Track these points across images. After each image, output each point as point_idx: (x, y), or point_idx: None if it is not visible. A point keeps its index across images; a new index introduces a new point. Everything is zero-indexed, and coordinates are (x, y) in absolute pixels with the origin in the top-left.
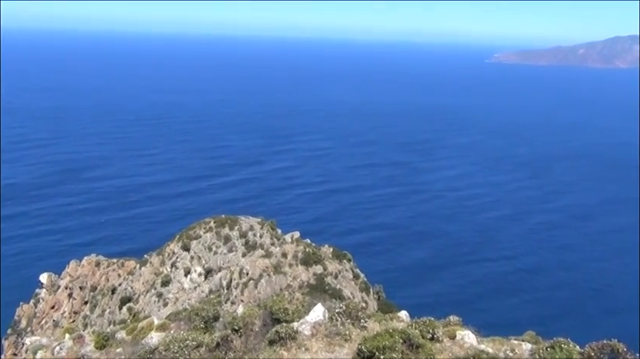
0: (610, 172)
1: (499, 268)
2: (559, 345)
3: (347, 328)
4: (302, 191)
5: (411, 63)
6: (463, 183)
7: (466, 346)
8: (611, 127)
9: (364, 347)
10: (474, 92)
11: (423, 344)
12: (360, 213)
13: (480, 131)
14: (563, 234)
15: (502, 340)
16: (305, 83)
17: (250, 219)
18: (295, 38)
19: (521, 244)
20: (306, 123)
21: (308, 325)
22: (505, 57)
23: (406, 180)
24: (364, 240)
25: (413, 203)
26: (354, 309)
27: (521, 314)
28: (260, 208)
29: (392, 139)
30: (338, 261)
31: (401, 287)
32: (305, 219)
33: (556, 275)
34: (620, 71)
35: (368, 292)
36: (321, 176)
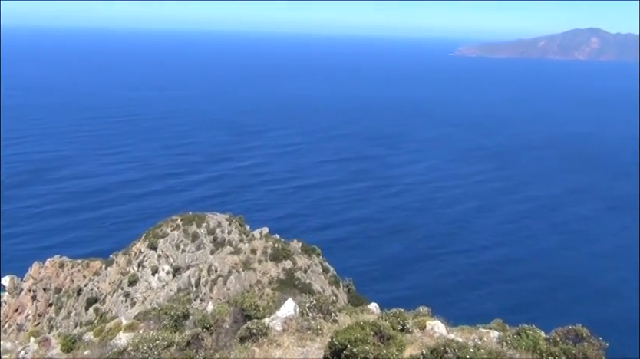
0: (574, 162)
1: (469, 260)
2: (525, 332)
3: (318, 322)
4: (273, 187)
5: (376, 57)
6: (433, 176)
7: (436, 336)
8: (573, 118)
9: (335, 340)
10: (439, 85)
11: (393, 336)
12: (331, 208)
13: (447, 124)
14: (531, 225)
15: (470, 329)
16: (271, 78)
17: (218, 215)
18: (260, 33)
19: (490, 235)
20: (275, 119)
21: (280, 321)
22: (468, 51)
23: (376, 174)
24: (336, 235)
25: (383, 197)
26: (325, 303)
27: (491, 304)
28: (230, 205)
29: (361, 134)
30: (308, 256)
31: (375, 281)
32: (276, 216)
33: (526, 265)
34: (579, 63)
35: (338, 286)
36: (292, 172)
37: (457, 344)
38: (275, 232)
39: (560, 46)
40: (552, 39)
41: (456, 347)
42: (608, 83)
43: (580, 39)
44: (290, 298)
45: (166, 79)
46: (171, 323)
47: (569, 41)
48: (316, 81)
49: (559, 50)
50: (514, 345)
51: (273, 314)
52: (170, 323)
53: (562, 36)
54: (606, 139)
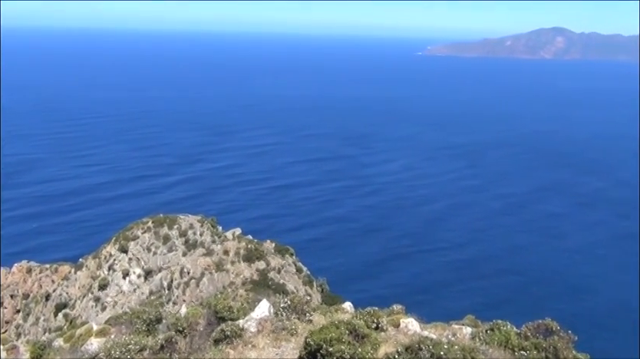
0: (543, 159)
1: (443, 258)
2: (497, 327)
3: (293, 323)
4: (247, 188)
5: (347, 56)
6: (406, 175)
7: (410, 333)
8: (540, 116)
9: (310, 340)
10: (409, 84)
11: (368, 334)
12: (306, 209)
13: (419, 123)
14: (503, 222)
15: (444, 325)
16: (243, 78)
17: (190, 217)
18: (231, 33)
19: (464, 233)
20: (249, 119)
21: (254, 322)
22: (436, 50)
23: (350, 174)
24: (311, 236)
25: (358, 197)
26: (300, 303)
27: (466, 301)
28: (204, 207)
29: (334, 133)
30: (281, 256)
31: (350, 280)
32: (251, 217)
33: (499, 262)
34: (545, 62)
35: (312, 285)
36: (266, 173)
37: (431, 341)
38: (250, 234)
39: (526, 45)
40: (518, 38)
41: (430, 344)
42: (573, 82)
43: (546, 38)
44: (264, 299)
45: (143, 80)
46: (143, 327)
47: (534, 41)
48: (288, 81)
49: (526, 49)
50: (487, 340)
51: (247, 316)
52: (143, 327)
53: (528, 35)
54: (573, 137)
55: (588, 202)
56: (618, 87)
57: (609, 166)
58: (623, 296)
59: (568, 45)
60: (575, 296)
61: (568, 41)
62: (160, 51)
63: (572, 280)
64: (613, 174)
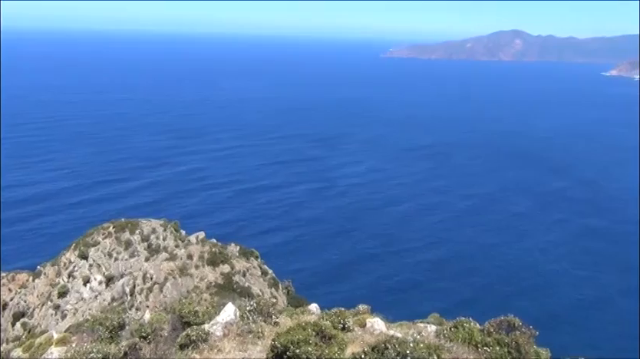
0: (506, 159)
1: (410, 259)
2: (461, 324)
3: (259, 325)
4: (213, 192)
5: (312, 58)
6: (372, 177)
7: (377, 332)
8: (501, 116)
9: (277, 342)
10: (374, 86)
11: (335, 335)
12: (273, 212)
13: (384, 124)
14: (469, 222)
15: (409, 324)
16: (207, 80)
17: (152, 221)
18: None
19: (430, 234)
20: (214, 122)
21: (220, 326)
22: (399, 52)
23: (317, 176)
24: (279, 239)
25: (325, 199)
26: (265, 306)
27: (433, 302)
28: (169, 211)
29: (300, 135)
30: (246, 259)
31: (318, 283)
32: (218, 221)
33: (465, 262)
34: (504, 64)
35: (277, 288)
36: (232, 176)
37: (397, 340)
38: (217, 238)
39: (486, 47)
40: (478, 41)
41: (396, 342)
42: (531, 84)
43: (505, 41)
44: (230, 303)
45: (106, 82)
46: (106, 334)
47: (494, 43)
48: (252, 83)
49: (486, 51)
50: (451, 338)
51: (213, 320)
52: (105, 334)
53: (488, 38)
54: (533, 137)
55: (550, 201)
56: (575, 88)
57: (569, 165)
58: (582, 292)
59: (525, 48)
60: (537, 294)
61: (525, 43)
62: (122, 52)
63: (536, 278)
64: (573, 173)
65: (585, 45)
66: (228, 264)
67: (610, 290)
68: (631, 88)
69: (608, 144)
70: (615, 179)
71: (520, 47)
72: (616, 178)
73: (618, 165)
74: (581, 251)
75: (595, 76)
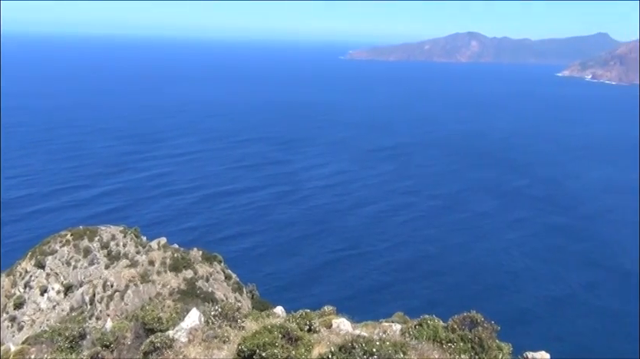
0: (466, 159)
1: (377, 261)
2: (425, 322)
3: (224, 330)
4: (177, 198)
5: (269, 61)
6: (338, 179)
7: (343, 333)
8: (460, 117)
9: (243, 346)
10: (334, 88)
11: (301, 336)
12: (239, 216)
13: (347, 126)
14: (434, 223)
15: (374, 323)
16: (163, 83)
17: (111, 227)
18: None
19: (396, 235)
20: (176, 126)
21: (185, 332)
22: (358, 54)
23: (282, 180)
24: (245, 244)
25: (292, 203)
26: (230, 310)
27: (400, 303)
28: (130, 219)
29: (264, 139)
30: (209, 264)
31: (285, 288)
32: (181, 228)
33: (432, 262)
34: (461, 65)
35: (242, 292)
36: (196, 181)
37: (364, 339)
38: (182, 244)
39: (444, 49)
40: (436, 43)
41: (363, 342)
42: (488, 85)
43: (461, 42)
44: (194, 308)
45: (61, 86)
46: (66, 344)
47: (451, 45)
48: (212, 86)
49: (443, 53)
50: (416, 335)
51: (177, 326)
52: (65, 344)
53: (445, 40)
54: (492, 137)
55: (513, 199)
56: (530, 88)
57: (529, 163)
58: (546, 288)
59: (482, 49)
60: (503, 291)
61: (481, 45)
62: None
63: (501, 276)
64: (533, 172)
65: (538, 46)
66: (191, 269)
67: (573, 285)
68: (583, 88)
69: (564, 143)
70: (574, 177)
71: (476, 49)
72: (574, 175)
73: (574, 162)
74: (544, 248)
75: (549, 76)
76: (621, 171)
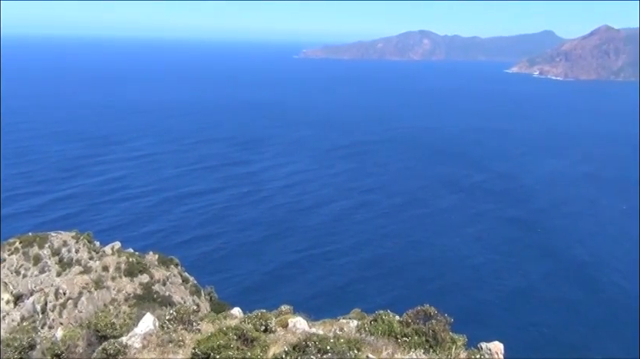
0: (424, 156)
1: (339, 260)
2: (380, 317)
3: (180, 334)
4: (134, 202)
5: (222, 61)
6: (299, 179)
7: (299, 332)
8: (415, 114)
9: (198, 349)
10: (290, 87)
11: (257, 337)
12: (199, 219)
13: (305, 125)
14: (397, 219)
15: (331, 321)
16: (117, 84)
17: (62, 233)
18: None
19: (358, 233)
20: (128, 128)
21: (139, 337)
22: (312, 53)
23: (242, 181)
24: (205, 247)
25: (252, 204)
26: (186, 313)
27: (364, 302)
28: (85, 226)
29: (222, 139)
30: (165, 268)
31: (249, 291)
32: (141, 232)
33: (396, 259)
34: (414, 63)
35: (200, 295)
36: (154, 184)
37: (318, 337)
38: (140, 249)
39: (396, 47)
40: (388, 41)
41: (317, 340)
42: (440, 82)
43: (413, 40)
44: (148, 313)
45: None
46: (15, 355)
47: (403, 43)
48: (167, 86)
49: (396, 51)
50: (371, 331)
51: (131, 332)
52: (14, 355)
53: (397, 38)
54: (448, 133)
55: (470, 194)
56: (482, 84)
57: (484, 159)
58: (506, 281)
59: (433, 47)
60: (463, 286)
61: (433, 43)
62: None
63: (463, 270)
64: (488, 167)
65: (488, 44)
66: (147, 273)
67: (531, 276)
68: (532, 84)
69: (517, 137)
70: (527, 171)
71: (428, 47)
72: (528, 169)
73: (527, 156)
74: (503, 241)
75: (499, 73)
76: (571, 164)
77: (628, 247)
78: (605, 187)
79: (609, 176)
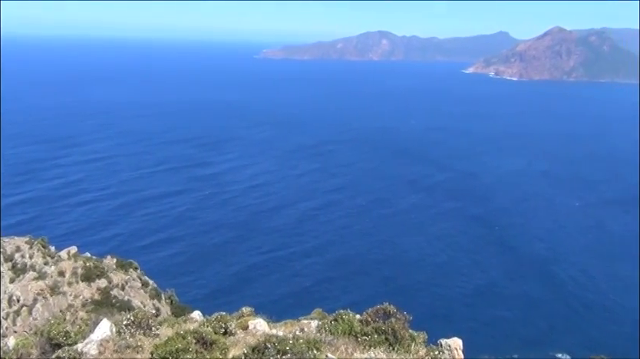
0: (387, 155)
1: (306, 261)
2: (341, 317)
3: (137, 339)
4: (93, 206)
5: (184, 61)
6: (263, 180)
7: (259, 334)
8: (375, 113)
9: (156, 354)
10: (251, 87)
11: (216, 340)
12: (161, 222)
13: (268, 126)
14: (364, 218)
15: (293, 322)
16: (74, 85)
17: (15, 239)
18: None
19: (324, 233)
20: (87, 130)
21: (95, 344)
22: (272, 53)
23: (205, 183)
24: (168, 251)
25: (217, 205)
26: (144, 318)
27: (333, 303)
28: (42, 231)
29: (185, 141)
30: (124, 272)
31: (215, 294)
32: (100, 237)
33: (363, 259)
34: (373, 63)
35: (160, 298)
36: (114, 187)
37: (277, 338)
38: (100, 254)
39: (356, 48)
40: (348, 41)
41: (276, 341)
42: (399, 81)
43: (372, 41)
44: (105, 318)
45: None
46: None
47: (362, 44)
48: (126, 87)
49: (355, 51)
50: (332, 331)
51: (87, 338)
52: None
53: (357, 38)
54: (408, 133)
55: (433, 193)
56: (440, 84)
57: (444, 158)
58: (471, 278)
59: (392, 47)
60: (427, 284)
61: (392, 43)
62: None
63: (428, 269)
64: (449, 166)
65: (445, 45)
66: (105, 278)
67: (493, 273)
68: (488, 84)
69: (476, 137)
70: (487, 169)
71: (387, 47)
72: (488, 168)
73: (487, 155)
74: (466, 239)
75: (456, 73)
76: (529, 163)
77: (583, 243)
78: (560, 185)
79: (564, 175)
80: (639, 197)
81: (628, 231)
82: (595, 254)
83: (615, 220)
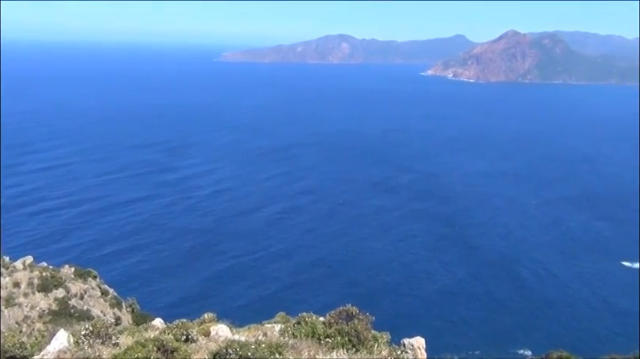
0: (352, 157)
1: (274, 265)
2: (304, 319)
3: (96, 349)
4: (51, 214)
5: (142, 64)
6: (229, 185)
7: (221, 340)
8: (338, 117)
9: None
10: (211, 91)
11: (177, 348)
12: (123, 230)
13: (230, 129)
14: (333, 221)
15: (256, 326)
16: (28, 88)
17: None
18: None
19: (294, 237)
20: (48, 135)
21: (51, 355)
22: (232, 56)
23: (169, 189)
24: (133, 259)
25: (182, 212)
26: (103, 327)
27: (302, 305)
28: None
29: (147, 145)
30: (83, 281)
31: (184, 303)
32: (59, 247)
33: (332, 262)
34: (333, 66)
35: (121, 307)
36: (74, 195)
37: (239, 344)
38: (58, 265)
39: (316, 51)
40: (308, 44)
41: (237, 346)
42: (358, 83)
43: (332, 44)
44: (62, 329)
45: None
46: None
47: (323, 47)
48: (84, 91)
49: (316, 54)
50: (295, 334)
51: (44, 350)
52: None
53: (317, 42)
54: (370, 135)
55: (398, 195)
56: (399, 86)
57: (407, 159)
58: (437, 279)
59: (352, 50)
60: (394, 285)
61: (352, 46)
62: None
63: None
64: (412, 167)
65: (404, 47)
66: (62, 288)
67: (457, 271)
68: (446, 86)
69: (436, 138)
70: (450, 170)
71: (347, 50)
72: (450, 169)
73: (448, 157)
74: (430, 240)
75: (415, 75)
76: (489, 163)
77: (543, 240)
78: (519, 184)
79: (523, 174)
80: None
81: (583, 227)
82: (554, 250)
83: (571, 216)
